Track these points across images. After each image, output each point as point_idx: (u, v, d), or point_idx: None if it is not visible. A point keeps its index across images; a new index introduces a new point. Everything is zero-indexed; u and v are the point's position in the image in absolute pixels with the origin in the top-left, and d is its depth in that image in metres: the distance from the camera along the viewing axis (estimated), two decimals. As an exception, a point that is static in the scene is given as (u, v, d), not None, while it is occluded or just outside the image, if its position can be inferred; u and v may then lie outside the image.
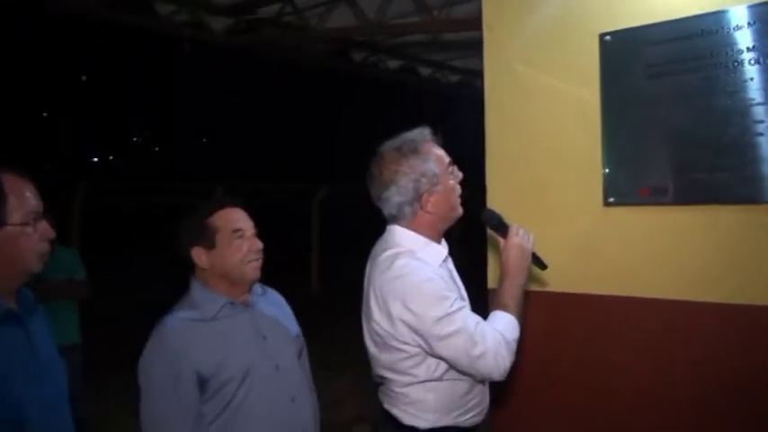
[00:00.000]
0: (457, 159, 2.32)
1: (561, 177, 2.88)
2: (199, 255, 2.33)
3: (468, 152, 3.10)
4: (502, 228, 2.36)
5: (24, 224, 1.83)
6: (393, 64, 7.91)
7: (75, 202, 9.11)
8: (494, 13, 3.08)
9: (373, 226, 2.39)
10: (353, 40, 6.90)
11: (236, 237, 2.34)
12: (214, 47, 6.75)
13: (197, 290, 2.36)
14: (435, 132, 2.31)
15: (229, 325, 2.32)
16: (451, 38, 6.19)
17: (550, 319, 2.87)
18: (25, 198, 1.85)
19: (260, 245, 2.39)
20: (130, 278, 11.99)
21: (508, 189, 3.00)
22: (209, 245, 2.32)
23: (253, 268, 2.38)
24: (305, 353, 2.60)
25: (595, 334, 2.77)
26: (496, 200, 2.99)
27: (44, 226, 1.89)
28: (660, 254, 2.64)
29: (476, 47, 3.19)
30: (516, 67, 2.99)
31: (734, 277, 2.48)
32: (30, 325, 1.92)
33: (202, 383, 2.20)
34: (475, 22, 3.20)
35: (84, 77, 37.85)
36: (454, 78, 8.69)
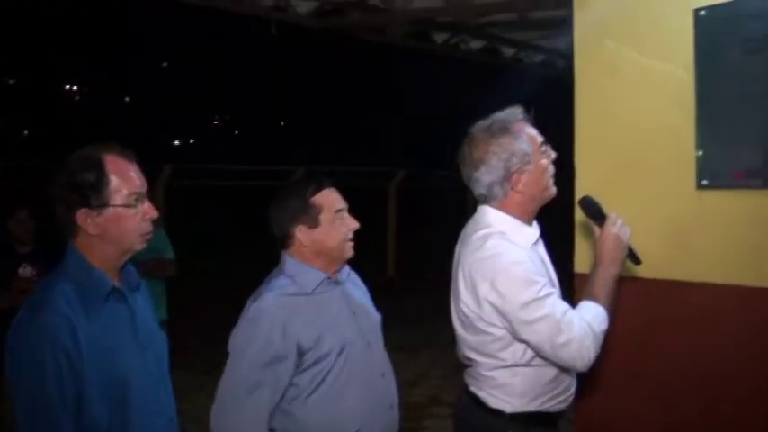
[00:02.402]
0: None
1: (653, 159, 2.81)
2: (302, 233, 2.38)
3: (552, 134, 3.06)
4: (600, 216, 2.31)
5: (127, 206, 1.88)
6: (476, 44, 7.81)
7: (160, 184, 9.41)
8: (585, -12, 3.01)
9: (450, 210, 2.40)
10: (436, 21, 6.84)
11: (339, 216, 2.40)
12: (298, 29, 6.80)
13: (293, 265, 2.41)
14: (527, 112, 2.28)
15: (326, 299, 2.39)
16: (536, 16, 6.07)
17: (642, 308, 2.81)
18: (129, 179, 1.90)
19: (357, 225, 2.44)
20: (215, 259, 12.34)
21: (597, 171, 2.95)
22: (314, 223, 2.37)
23: (350, 247, 2.44)
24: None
25: (687, 322, 2.71)
26: (585, 182, 2.94)
27: (147, 206, 1.94)
28: (755, 240, 2.56)
29: (560, 26, 3.13)
30: (607, 45, 2.93)
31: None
32: (133, 301, 1.99)
33: (301, 354, 2.26)
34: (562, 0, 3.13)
35: (165, 63, 38.90)
36: (538, 58, 8.53)
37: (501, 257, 2.12)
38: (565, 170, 2.92)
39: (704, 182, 2.67)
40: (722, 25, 2.63)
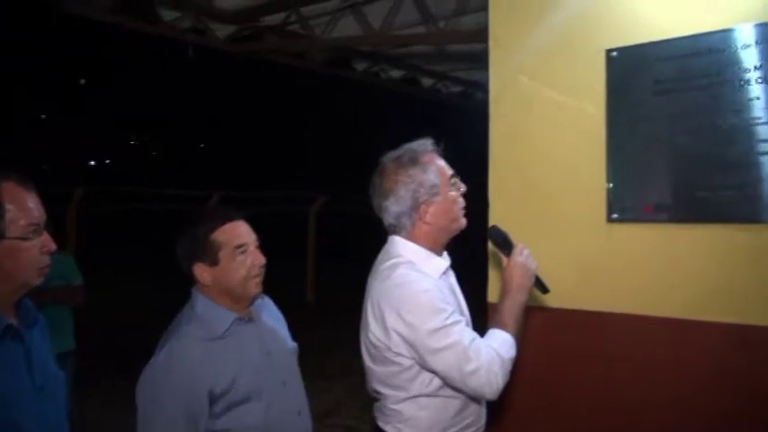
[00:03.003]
0: (457, 171, 2.31)
1: (565, 193, 2.87)
2: (201, 271, 2.25)
3: (469, 164, 3.09)
4: (507, 246, 2.34)
5: (24, 238, 1.77)
6: (395, 74, 7.90)
7: (72, 208, 9.08)
8: (501, 25, 3.08)
9: (372, 237, 2.38)
10: (356, 50, 6.89)
11: (240, 252, 2.26)
12: (217, 53, 6.74)
13: (203, 306, 2.27)
14: (438, 144, 2.30)
15: (238, 341, 2.26)
16: (455, 49, 6.18)
17: (552, 337, 2.85)
18: (27, 209, 1.78)
19: (263, 260, 2.32)
20: (124, 282, 11.98)
21: (510, 203, 2.99)
22: (212, 261, 2.25)
23: (256, 284, 2.31)
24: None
25: (597, 352, 2.76)
26: (498, 213, 2.98)
27: (45, 238, 1.83)
28: (664, 272, 2.63)
29: (479, 59, 3.18)
30: (522, 80, 2.98)
31: (738, 297, 2.47)
32: (29, 339, 1.86)
33: (213, 402, 2.13)
34: (481, 35, 3.19)
35: (83, 81, 37.87)
36: (456, 89, 8.69)
37: (408, 286, 2.11)
38: (483, 201, 2.97)
39: (614, 215, 2.75)
40: (633, 66, 2.72)
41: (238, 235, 2.28)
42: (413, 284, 2.12)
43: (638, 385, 2.65)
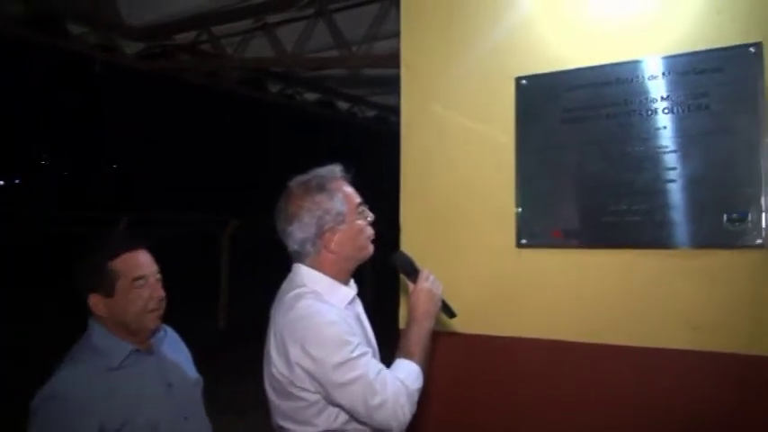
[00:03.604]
0: (371, 195, 2.25)
1: (476, 218, 2.86)
2: (96, 302, 2.14)
3: (385, 188, 3.05)
4: (412, 272, 2.29)
5: None
6: (310, 97, 7.85)
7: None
8: (412, 51, 3.07)
9: (285, 262, 2.29)
10: (270, 71, 6.80)
11: (138, 285, 2.15)
12: (127, 71, 6.55)
13: (99, 336, 2.16)
14: (348, 170, 2.24)
15: (136, 373, 2.15)
16: (370, 73, 6.17)
17: (462, 362, 2.83)
18: None
19: (162, 293, 2.22)
20: (26, 310, 11.43)
21: (422, 228, 2.97)
22: (108, 292, 2.13)
23: (153, 318, 2.20)
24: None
25: (507, 377, 2.75)
26: (410, 239, 2.97)
27: None
28: (572, 297, 2.64)
29: (394, 83, 3.16)
30: (433, 107, 2.97)
31: (645, 321, 2.50)
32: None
33: None
34: (393, 60, 3.17)
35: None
36: (371, 114, 8.69)
37: (313, 318, 2.03)
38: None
39: (523, 240, 2.76)
40: (542, 94, 2.74)
41: (138, 266, 2.18)
42: (317, 316, 2.03)
43: (548, 410, 2.65)
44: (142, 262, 2.19)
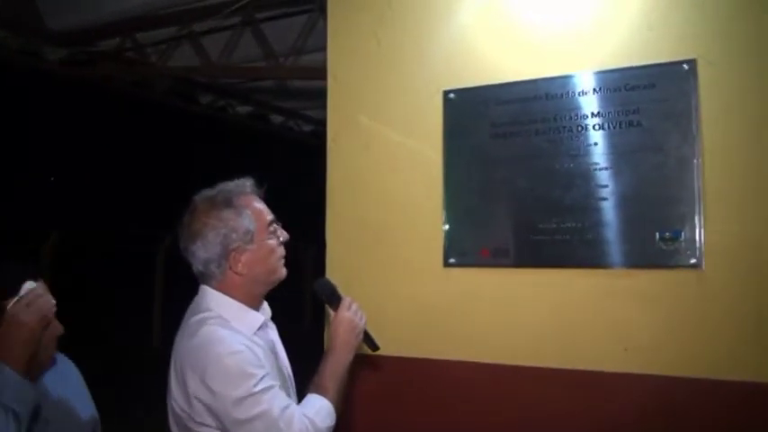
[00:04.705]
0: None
1: (403, 236, 2.76)
2: None
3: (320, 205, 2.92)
4: (334, 299, 2.16)
5: None
6: (243, 109, 7.70)
7: None
8: (339, 61, 2.97)
9: None
10: (200, 82, 6.64)
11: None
12: (50, 77, 6.32)
13: None
14: (261, 185, 2.08)
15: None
16: (300, 86, 6.06)
17: (388, 386, 2.71)
18: None
19: (59, 330, 2.00)
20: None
21: (348, 247, 2.86)
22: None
23: (47, 357, 1.98)
24: None
25: (436, 401, 2.64)
26: (336, 258, 2.85)
27: None
28: (501, 318, 2.56)
29: (326, 97, 3.04)
30: (360, 119, 2.87)
31: (576, 343, 2.42)
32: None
33: None
34: (322, 72, 3.06)
35: None
36: (307, 128, 8.57)
37: (214, 347, 1.86)
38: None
39: (451, 260, 2.66)
40: (470, 108, 2.65)
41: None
42: (219, 345, 1.86)
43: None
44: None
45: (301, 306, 12.55)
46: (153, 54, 5.61)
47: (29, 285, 1.91)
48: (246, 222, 1.98)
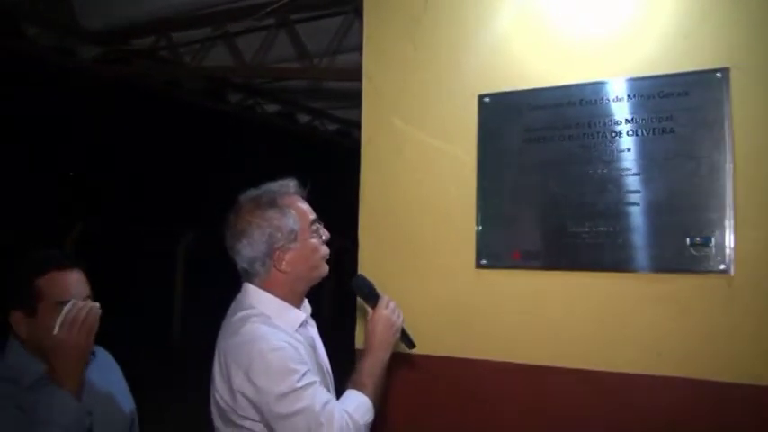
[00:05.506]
0: (328, 212, 2.16)
1: (435, 238, 2.80)
2: (17, 321, 1.97)
3: (343, 205, 2.97)
4: (372, 297, 2.19)
5: None
6: (271, 108, 7.75)
7: None
8: (375, 64, 3.01)
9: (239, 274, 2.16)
10: (231, 81, 6.70)
11: (62, 309, 1.95)
12: (82, 75, 6.40)
13: (14, 353, 1.99)
14: (304, 186, 2.14)
15: (47, 401, 1.91)
16: (332, 87, 6.11)
17: (421, 384, 2.75)
18: None
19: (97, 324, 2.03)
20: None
21: (381, 247, 2.90)
22: (30, 311, 1.96)
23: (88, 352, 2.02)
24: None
25: (467, 400, 2.68)
26: (368, 258, 2.89)
27: None
28: (532, 319, 2.60)
29: (356, 98, 3.09)
30: (394, 122, 2.91)
31: (606, 345, 2.46)
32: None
33: None
34: (356, 73, 3.10)
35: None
36: (333, 127, 8.62)
37: (258, 344, 1.91)
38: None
39: (483, 261, 2.70)
40: (505, 113, 2.70)
41: (64, 288, 2.00)
42: (262, 342, 1.91)
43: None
44: (69, 284, 2.02)
45: (320, 300, 12.59)
46: (186, 54, 5.67)
47: (68, 307, 1.95)
48: (291, 222, 2.03)
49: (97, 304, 2.02)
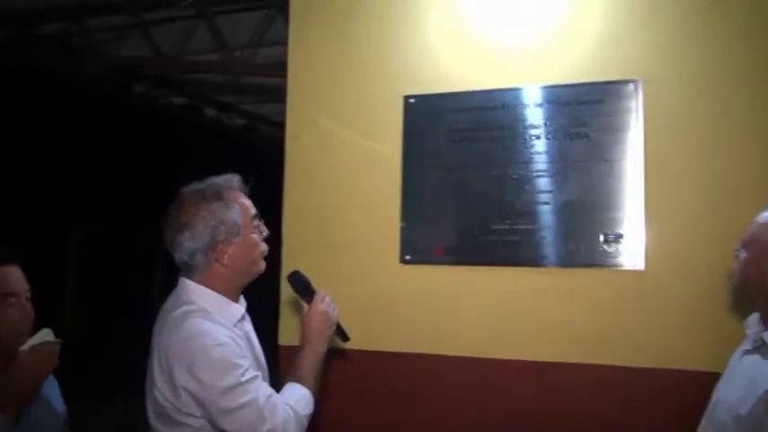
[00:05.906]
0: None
1: (361, 234, 2.87)
2: None
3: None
4: (308, 293, 2.23)
5: None
6: (177, 101, 7.61)
7: None
8: (301, 61, 3.04)
9: (138, 273, 2.14)
10: (139, 72, 6.55)
11: (7, 304, 1.97)
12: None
13: None
14: (246, 182, 2.16)
15: None
16: (248, 81, 6.05)
17: (349, 378, 2.79)
18: None
19: (32, 313, 2.04)
20: None
21: (306, 243, 2.93)
22: None
23: (22, 343, 1.99)
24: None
25: (396, 393, 2.76)
26: (293, 254, 2.90)
27: None
28: (453, 313, 2.70)
29: (269, 93, 3.10)
30: (320, 120, 2.96)
31: (523, 336, 2.60)
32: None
33: None
34: (279, 68, 3.11)
35: None
36: (240, 122, 8.53)
37: (200, 339, 1.91)
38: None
39: (407, 257, 2.80)
40: (429, 114, 2.80)
41: (7, 282, 1.99)
42: (206, 337, 1.91)
43: (438, 425, 2.70)
44: (13, 277, 2.01)
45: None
46: (100, 42, 5.50)
47: (44, 333, 1.98)
48: (235, 215, 2.03)
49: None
